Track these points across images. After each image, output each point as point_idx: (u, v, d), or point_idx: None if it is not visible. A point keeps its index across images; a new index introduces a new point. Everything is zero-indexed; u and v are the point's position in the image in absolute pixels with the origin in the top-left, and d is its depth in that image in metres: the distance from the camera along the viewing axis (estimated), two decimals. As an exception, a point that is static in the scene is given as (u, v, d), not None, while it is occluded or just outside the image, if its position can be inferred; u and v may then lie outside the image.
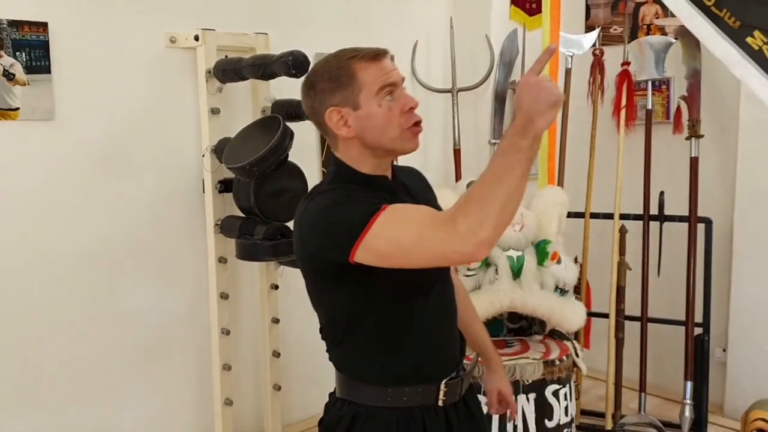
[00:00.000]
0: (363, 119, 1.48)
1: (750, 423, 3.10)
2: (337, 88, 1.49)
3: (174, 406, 3.15)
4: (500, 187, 1.27)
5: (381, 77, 1.48)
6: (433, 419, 1.57)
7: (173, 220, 3.09)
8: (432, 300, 1.57)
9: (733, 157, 3.50)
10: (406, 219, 1.38)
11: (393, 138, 1.50)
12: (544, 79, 1.30)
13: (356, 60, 1.48)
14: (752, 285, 3.46)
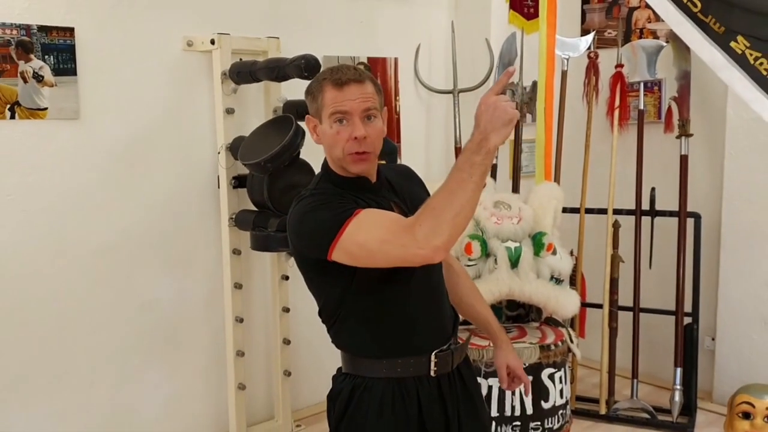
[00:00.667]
0: (323, 133, 1.68)
1: (736, 406, 3.25)
2: (312, 101, 1.69)
3: (190, 390, 3.32)
4: (454, 199, 1.45)
5: (336, 104, 1.62)
6: (426, 389, 1.72)
7: (190, 214, 3.25)
8: (416, 282, 1.71)
9: (720, 155, 3.66)
10: (373, 224, 1.55)
11: (339, 157, 1.66)
12: (502, 98, 1.45)
13: (326, 82, 1.65)
14: (739, 277, 3.62)
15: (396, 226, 1.54)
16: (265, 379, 3.54)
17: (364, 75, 1.68)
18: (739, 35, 2.85)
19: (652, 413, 3.54)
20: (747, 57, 2.84)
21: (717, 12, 2.89)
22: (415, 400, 1.72)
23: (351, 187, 1.69)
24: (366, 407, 1.71)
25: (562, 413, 2.96)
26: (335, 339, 1.81)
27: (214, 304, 3.33)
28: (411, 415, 1.71)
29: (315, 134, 1.71)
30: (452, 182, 1.47)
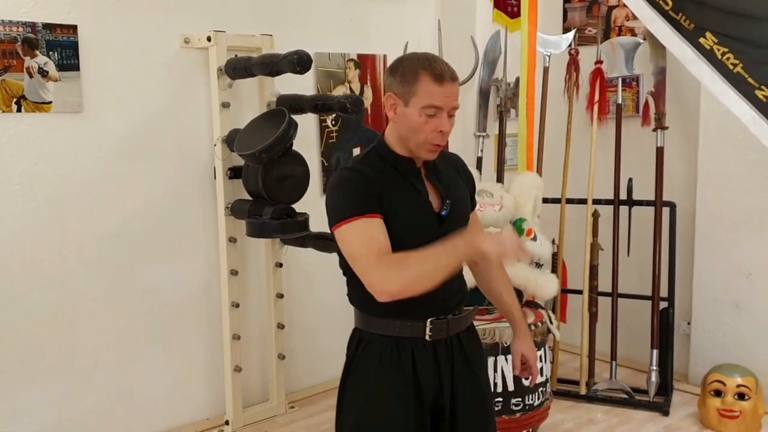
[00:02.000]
0: (405, 115, 1.80)
1: (708, 384, 3.43)
2: (403, 83, 1.79)
3: (189, 372, 3.47)
4: (424, 266, 1.70)
5: (433, 98, 1.75)
6: (420, 350, 1.88)
7: (188, 204, 3.40)
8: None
9: (694, 146, 3.82)
10: (361, 237, 1.75)
11: (417, 142, 1.81)
12: (519, 241, 1.71)
13: (425, 73, 1.76)
14: (713, 263, 3.78)
15: (373, 252, 1.73)
16: (260, 362, 3.69)
17: (456, 75, 1.81)
18: (708, 32, 3.02)
19: (630, 393, 3.71)
20: (715, 52, 3.00)
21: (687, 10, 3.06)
22: (410, 359, 1.87)
23: (397, 165, 1.86)
24: (367, 359, 1.89)
25: (542, 390, 3.12)
26: (349, 294, 1.96)
27: (211, 290, 3.48)
28: (406, 371, 1.87)
29: (392, 111, 1.82)
30: (434, 254, 1.71)
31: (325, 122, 3.85)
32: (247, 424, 3.52)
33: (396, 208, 1.81)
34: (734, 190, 3.67)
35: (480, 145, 4.23)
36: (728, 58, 2.96)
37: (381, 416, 1.87)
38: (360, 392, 1.89)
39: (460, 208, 1.93)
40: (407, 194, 1.85)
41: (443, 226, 1.85)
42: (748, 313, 3.67)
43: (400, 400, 1.86)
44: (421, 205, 1.86)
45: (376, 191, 1.79)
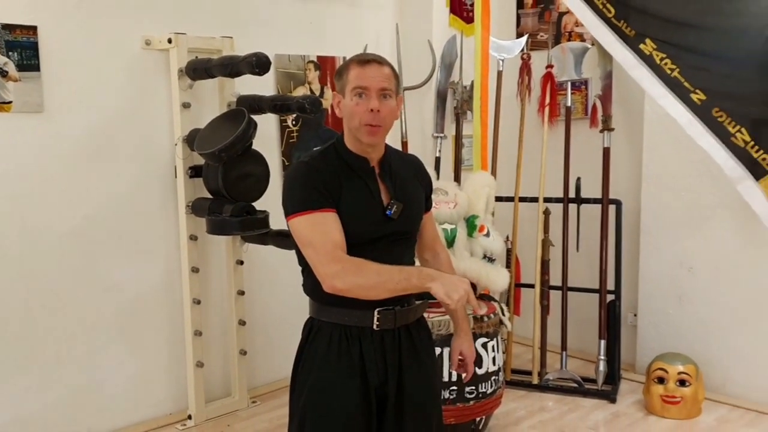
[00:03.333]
0: (343, 107, 1.92)
1: (651, 372, 3.61)
2: (339, 80, 1.93)
3: (152, 368, 3.53)
4: (377, 280, 1.82)
5: (358, 80, 1.87)
6: (368, 339, 1.97)
7: (149, 203, 3.46)
8: (372, 252, 1.93)
9: (639, 147, 4.00)
10: (319, 230, 1.85)
11: (355, 127, 1.90)
12: (466, 287, 1.76)
13: (352, 62, 1.90)
14: (657, 257, 3.97)
15: (327, 246, 1.83)
16: (222, 358, 3.76)
17: (384, 60, 1.93)
18: (648, 38, 3.20)
19: (579, 382, 3.87)
20: (654, 57, 3.19)
21: (629, 17, 3.24)
22: (357, 347, 1.96)
23: (351, 163, 1.96)
24: (317, 346, 1.98)
25: (494, 379, 3.25)
26: (303, 284, 2.04)
27: (172, 287, 3.54)
28: (353, 358, 1.96)
29: (338, 108, 1.94)
30: (389, 272, 1.82)
31: (285, 122, 3.94)
32: (210, 418, 3.59)
33: (347, 203, 1.91)
34: (676, 188, 3.86)
35: (438, 146, 4.36)
36: (666, 63, 3.14)
37: (327, 400, 1.95)
38: (309, 377, 1.98)
39: (410, 209, 2.01)
40: (359, 191, 1.94)
41: (390, 225, 1.95)
42: (690, 304, 3.87)
43: (346, 385, 1.95)
44: (370, 203, 1.95)
45: (330, 186, 1.89)
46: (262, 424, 3.58)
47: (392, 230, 1.97)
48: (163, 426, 3.54)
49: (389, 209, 1.96)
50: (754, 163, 2.92)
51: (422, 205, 2.11)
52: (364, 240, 1.93)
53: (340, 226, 1.88)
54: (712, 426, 3.47)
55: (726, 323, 3.75)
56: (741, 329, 3.70)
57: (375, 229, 1.95)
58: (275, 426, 3.54)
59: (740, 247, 3.66)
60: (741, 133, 2.96)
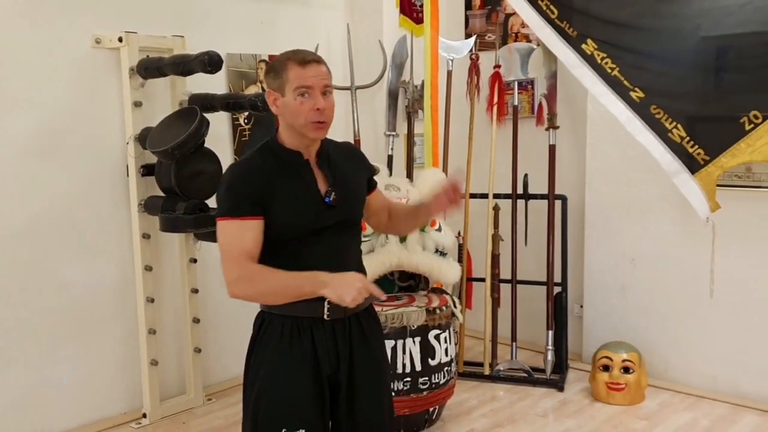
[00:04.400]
0: (284, 105, 1.95)
1: (597, 360, 3.75)
2: (276, 77, 1.96)
3: (106, 367, 3.52)
4: (273, 288, 1.89)
5: (301, 80, 1.91)
6: (319, 328, 2.02)
7: (101, 201, 3.46)
8: (318, 246, 2.01)
9: (583, 144, 4.15)
10: (231, 236, 1.92)
11: (301, 125, 1.93)
12: (365, 288, 1.83)
13: (291, 61, 1.93)
14: (601, 250, 4.12)
15: (233, 254, 1.90)
16: (177, 356, 3.76)
17: (321, 58, 1.99)
18: (589, 38, 3.34)
19: (529, 372, 3.99)
20: (595, 57, 3.32)
21: (571, 18, 3.38)
22: (309, 337, 2.01)
23: (285, 157, 2.00)
24: (269, 337, 2.02)
25: (447, 370, 3.34)
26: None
27: (126, 286, 3.54)
28: (305, 347, 2.01)
29: (275, 106, 1.98)
30: (285, 280, 1.89)
31: (237, 120, 3.96)
32: (165, 416, 3.60)
33: (283, 199, 1.96)
34: (618, 183, 4.01)
35: (390, 144, 4.43)
36: (606, 63, 3.28)
37: (280, 388, 2.00)
38: (261, 367, 2.02)
39: (351, 194, 2.07)
40: (295, 185, 1.99)
41: (331, 214, 2.00)
42: (632, 294, 4.02)
43: (299, 373, 2.00)
44: (308, 194, 1.99)
45: (260, 189, 1.93)
46: (218, 421, 3.60)
47: (335, 220, 2.02)
48: (118, 425, 3.53)
49: (328, 197, 2.00)
50: (689, 157, 3.07)
51: (363, 190, 2.17)
52: (307, 232, 1.98)
53: (256, 235, 1.93)
54: (654, 411, 3.62)
55: (667, 312, 3.91)
56: (681, 317, 3.86)
57: (316, 219, 1.99)
58: (231, 423, 3.56)
59: (679, 238, 3.83)
60: (677, 129, 3.11)
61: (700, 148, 3.04)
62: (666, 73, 3.16)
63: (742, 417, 3.51)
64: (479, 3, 4.68)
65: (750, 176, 3.56)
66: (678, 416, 3.55)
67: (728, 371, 3.73)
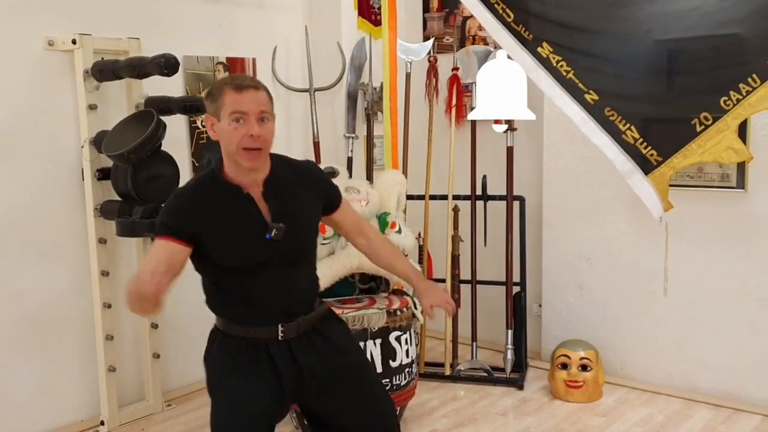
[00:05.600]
0: (219, 130, 1.95)
1: (555, 359, 3.80)
2: (212, 102, 1.96)
3: (62, 374, 3.46)
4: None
5: (235, 105, 1.90)
6: (275, 347, 2.06)
7: (55, 206, 3.39)
8: (261, 276, 2.03)
9: (540, 145, 4.21)
10: (154, 254, 1.95)
11: (233, 152, 1.93)
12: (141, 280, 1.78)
13: (227, 86, 1.92)
14: (559, 250, 4.18)
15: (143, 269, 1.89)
16: (135, 362, 3.71)
17: (260, 84, 1.97)
18: (545, 41, 3.37)
19: (489, 371, 4.03)
20: (551, 60, 3.36)
21: (527, 22, 3.40)
22: (266, 355, 2.05)
23: (224, 191, 1.99)
24: (225, 358, 2.06)
25: (408, 371, 3.35)
26: (206, 301, 2.15)
27: (82, 292, 3.48)
28: (263, 366, 2.04)
29: (212, 131, 1.97)
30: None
31: (195, 123, 3.93)
32: (123, 423, 3.54)
33: (220, 232, 1.96)
34: (575, 183, 4.08)
35: (350, 146, 4.44)
36: (562, 66, 3.32)
37: (238, 399, 2.01)
38: (222, 381, 2.05)
39: (297, 225, 2.04)
40: (233, 218, 1.98)
41: (275, 248, 1.99)
42: (589, 293, 4.10)
43: (258, 381, 2.02)
44: (248, 228, 1.99)
45: (192, 223, 1.94)
46: (178, 427, 3.56)
47: (279, 252, 2.00)
48: (75, 433, 3.48)
49: (268, 233, 1.97)
50: (643, 158, 3.13)
51: (316, 217, 2.15)
52: (248, 266, 1.99)
53: (169, 256, 1.93)
54: (612, 407, 3.69)
55: (622, 310, 3.99)
56: (636, 315, 3.95)
57: (256, 254, 1.99)
58: (191, 428, 3.53)
59: (634, 238, 3.91)
60: (631, 130, 3.16)
61: (653, 149, 3.11)
62: (620, 75, 3.21)
63: (696, 412, 3.60)
64: (437, 6, 4.71)
65: (702, 176, 3.67)
66: (634, 412, 3.62)
67: (682, 367, 3.82)
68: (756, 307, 3.58)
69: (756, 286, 3.57)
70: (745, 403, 3.61)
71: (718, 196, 3.63)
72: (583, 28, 3.29)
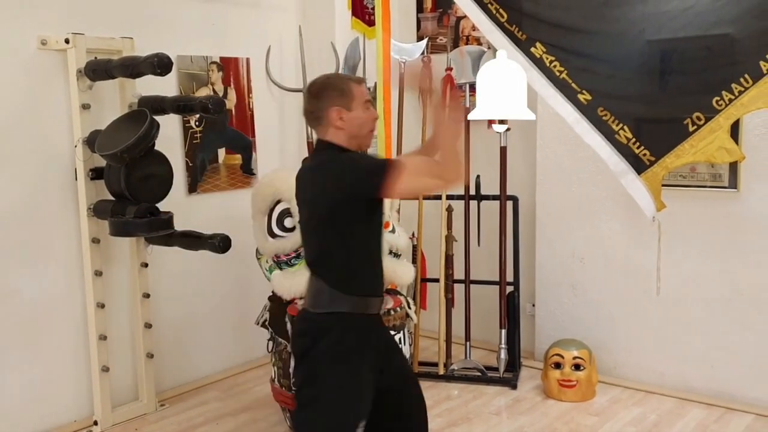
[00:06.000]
0: (350, 118, 2.18)
1: (549, 358, 3.81)
2: (341, 96, 2.18)
3: (56, 375, 3.45)
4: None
5: (365, 95, 2.23)
6: (377, 323, 2.30)
7: (49, 206, 3.38)
8: (379, 232, 2.29)
9: (533, 145, 4.22)
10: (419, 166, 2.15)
11: (363, 134, 2.22)
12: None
13: (352, 82, 2.22)
14: (552, 249, 4.19)
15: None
16: (129, 361, 3.70)
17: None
18: (538, 42, 3.38)
19: (482, 371, 4.04)
20: (544, 60, 3.37)
21: (520, 22, 3.41)
22: (374, 333, 2.28)
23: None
24: (348, 337, 2.18)
25: (401, 371, 3.35)
26: (326, 278, 2.19)
27: (75, 292, 3.47)
28: (371, 343, 2.24)
29: (340, 120, 2.17)
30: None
31: (188, 123, 3.92)
32: (117, 423, 3.54)
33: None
34: (568, 183, 4.09)
35: (343, 146, 4.43)
36: (555, 66, 3.33)
37: (355, 388, 2.18)
38: (339, 365, 2.16)
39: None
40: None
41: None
42: (582, 293, 4.11)
43: (368, 371, 2.20)
44: None
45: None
46: (171, 427, 3.55)
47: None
48: (69, 433, 3.47)
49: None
50: (636, 158, 3.14)
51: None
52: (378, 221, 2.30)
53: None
54: (605, 406, 3.70)
55: (615, 310, 4.00)
56: (629, 315, 3.96)
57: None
58: (184, 428, 3.52)
59: (626, 237, 3.93)
60: (624, 130, 3.17)
61: (646, 149, 3.12)
62: (613, 75, 3.22)
63: (689, 411, 3.62)
64: (431, 6, 4.72)
65: (694, 176, 3.68)
66: (627, 411, 3.63)
67: (675, 366, 3.84)
68: (748, 306, 3.60)
69: (748, 286, 3.59)
70: (738, 402, 3.62)
71: (710, 196, 3.65)
72: (577, 28, 3.30)
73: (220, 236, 3.33)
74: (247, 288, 4.16)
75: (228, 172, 4.16)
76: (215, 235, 3.34)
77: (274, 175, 3.52)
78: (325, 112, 2.17)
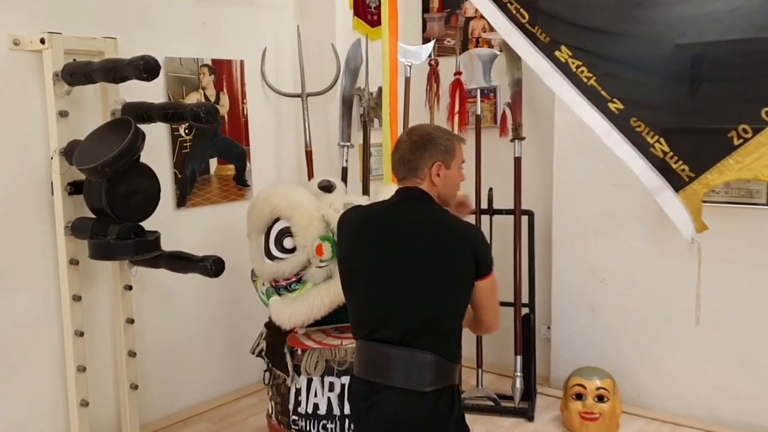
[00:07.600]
0: (446, 176, 2.15)
1: (569, 389, 3.53)
2: (448, 154, 2.15)
3: (30, 410, 3.13)
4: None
5: (463, 156, 2.21)
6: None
7: (22, 223, 3.07)
8: None
9: (550, 156, 3.94)
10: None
11: (452, 195, 2.21)
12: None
13: (457, 141, 2.20)
14: (569, 267, 3.91)
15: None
16: (111, 393, 3.40)
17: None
18: (563, 45, 3.10)
19: (495, 400, 3.75)
20: (570, 65, 3.09)
21: (543, 23, 3.13)
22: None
23: None
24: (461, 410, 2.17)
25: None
26: (446, 350, 2.09)
27: (51, 318, 3.15)
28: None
29: (437, 176, 2.13)
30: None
31: (177, 131, 3.62)
32: (97, 462, 3.22)
33: None
34: (587, 197, 3.82)
35: (345, 155, 4.16)
36: (582, 71, 3.05)
37: None
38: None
39: None
40: None
41: None
42: (602, 315, 3.83)
43: None
44: None
45: None
46: (158, 465, 3.25)
47: None
48: (43, 475, 3.14)
49: None
50: (673, 174, 2.87)
51: None
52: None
53: None
54: (629, 439, 3.43)
55: (639, 333, 3.73)
56: (653, 339, 3.69)
57: None
58: (172, 466, 3.21)
59: (651, 257, 3.65)
60: (659, 143, 2.90)
61: (685, 164, 2.84)
62: (646, 83, 2.95)
63: (721, 445, 3.35)
64: (438, 6, 4.43)
65: (728, 192, 3.40)
66: (655, 446, 3.36)
67: (704, 396, 3.56)
68: (786, 332, 3.33)
69: (786, 311, 3.32)
70: (773, 436, 3.36)
71: (744, 213, 3.38)
72: (606, 31, 3.03)
73: (212, 258, 3.01)
74: (241, 311, 3.86)
75: (220, 183, 3.86)
76: (207, 258, 3.02)
77: (271, 191, 3.22)
78: (427, 163, 2.13)
